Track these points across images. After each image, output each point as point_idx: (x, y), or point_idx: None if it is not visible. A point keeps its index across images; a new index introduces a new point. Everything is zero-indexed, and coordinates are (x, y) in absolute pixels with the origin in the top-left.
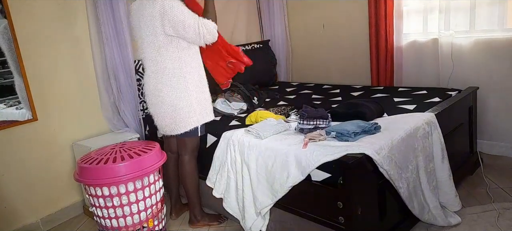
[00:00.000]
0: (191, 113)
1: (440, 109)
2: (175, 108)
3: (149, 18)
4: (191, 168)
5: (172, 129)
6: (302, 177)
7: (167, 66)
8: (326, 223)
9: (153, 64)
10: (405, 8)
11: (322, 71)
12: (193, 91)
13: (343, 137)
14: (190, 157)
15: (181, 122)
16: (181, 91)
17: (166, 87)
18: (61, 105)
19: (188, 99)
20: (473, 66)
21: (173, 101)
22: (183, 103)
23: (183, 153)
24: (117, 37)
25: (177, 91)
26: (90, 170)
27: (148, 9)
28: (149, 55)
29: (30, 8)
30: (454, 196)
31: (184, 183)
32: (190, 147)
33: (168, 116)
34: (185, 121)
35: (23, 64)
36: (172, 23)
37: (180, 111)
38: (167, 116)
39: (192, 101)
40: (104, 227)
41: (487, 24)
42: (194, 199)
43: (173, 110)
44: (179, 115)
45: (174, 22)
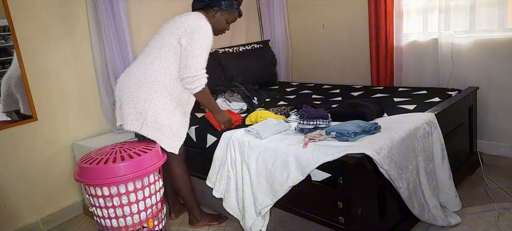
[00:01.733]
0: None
1: (440, 109)
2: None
3: (179, 23)
4: (181, 172)
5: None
6: (302, 177)
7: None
8: (326, 223)
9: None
10: (405, 8)
11: (322, 71)
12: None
13: (343, 137)
14: (177, 161)
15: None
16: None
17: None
18: (61, 105)
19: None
20: (473, 66)
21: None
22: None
23: (170, 159)
24: (117, 37)
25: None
26: (90, 170)
27: (182, 18)
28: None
29: (30, 8)
30: (454, 196)
31: (177, 187)
32: (173, 155)
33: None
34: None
35: (23, 64)
36: (191, 39)
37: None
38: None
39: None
40: (104, 227)
41: (487, 24)
42: (190, 201)
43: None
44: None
45: (192, 40)
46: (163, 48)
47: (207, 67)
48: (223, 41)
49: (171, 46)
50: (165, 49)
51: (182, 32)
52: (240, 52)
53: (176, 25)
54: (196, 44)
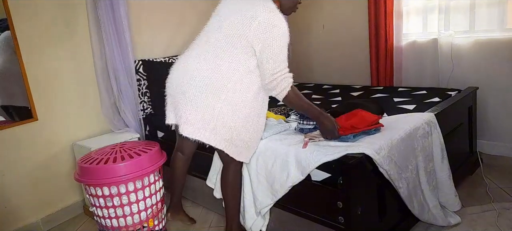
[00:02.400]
0: (222, 135)
1: (440, 109)
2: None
3: (240, 17)
4: (235, 179)
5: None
6: (302, 177)
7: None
8: (326, 223)
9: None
10: (405, 8)
11: (322, 71)
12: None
13: (342, 137)
14: (234, 167)
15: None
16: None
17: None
18: (61, 105)
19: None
20: (473, 67)
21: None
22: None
23: (226, 162)
24: (117, 37)
25: (232, 110)
26: (90, 170)
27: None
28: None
29: (30, 8)
30: (454, 196)
31: (225, 194)
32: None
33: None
34: (229, 142)
35: (24, 64)
36: (266, 43)
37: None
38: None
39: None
40: (104, 227)
41: (487, 24)
42: (233, 213)
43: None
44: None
45: (268, 43)
46: (229, 48)
47: None
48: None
49: (240, 47)
50: (231, 50)
51: (253, 35)
52: None
53: (244, 24)
54: (272, 45)
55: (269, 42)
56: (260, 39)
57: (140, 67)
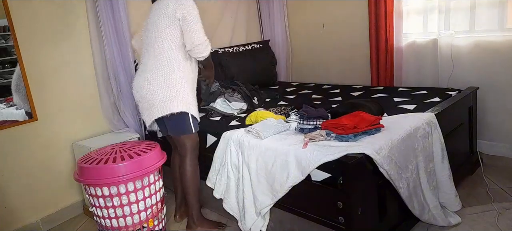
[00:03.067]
0: (173, 96)
1: (440, 109)
2: (160, 89)
3: (163, 8)
4: (191, 169)
5: (154, 111)
6: (302, 177)
7: (164, 48)
8: (326, 223)
9: (150, 47)
10: (405, 8)
11: (322, 71)
12: (180, 79)
13: (343, 137)
14: (191, 157)
15: (162, 104)
16: (170, 75)
17: (157, 70)
18: (61, 105)
19: (174, 84)
20: (473, 67)
21: (160, 83)
22: (168, 84)
23: (183, 153)
24: (117, 37)
25: (165, 75)
26: (90, 170)
27: (164, 2)
28: (151, 36)
29: (30, 8)
30: (454, 196)
31: (184, 184)
32: (189, 145)
33: (152, 98)
34: (167, 103)
35: (23, 64)
36: (187, 12)
37: (163, 92)
38: (151, 98)
39: (179, 89)
40: (104, 227)
41: (487, 24)
42: (193, 202)
43: (157, 91)
44: (161, 96)
45: (189, 12)
46: (164, 28)
47: None
48: (223, 41)
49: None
50: (163, 22)
51: (171, 7)
52: (240, 52)
53: (162, 10)
54: (193, 14)
55: (190, 15)
56: (180, 11)
57: None
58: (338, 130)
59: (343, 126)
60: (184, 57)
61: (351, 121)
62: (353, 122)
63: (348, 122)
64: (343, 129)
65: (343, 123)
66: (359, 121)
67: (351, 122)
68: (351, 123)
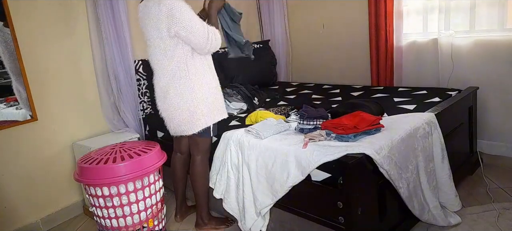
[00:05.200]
0: (197, 115)
1: (440, 109)
2: (181, 111)
3: (155, 20)
4: (202, 169)
5: (181, 130)
6: (302, 177)
7: (173, 68)
8: (326, 223)
9: (160, 67)
10: (405, 8)
11: (322, 71)
12: (198, 93)
13: (343, 137)
14: (202, 158)
15: (188, 124)
16: (187, 94)
17: (172, 89)
18: (61, 105)
19: (193, 102)
20: (473, 67)
21: (179, 104)
22: (188, 105)
23: (195, 153)
24: (117, 37)
25: (182, 94)
26: (90, 170)
27: (153, 10)
28: (156, 57)
29: (30, 8)
30: (454, 196)
31: (194, 184)
32: (202, 147)
33: (176, 117)
34: (191, 123)
35: (23, 65)
36: (181, 25)
37: (185, 113)
38: (175, 117)
39: (198, 104)
40: (104, 227)
41: (487, 24)
42: (203, 202)
43: (179, 112)
44: (184, 117)
45: (182, 24)
46: (167, 51)
47: None
48: (223, 41)
49: (170, 44)
50: (169, 52)
51: (165, 25)
52: None
53: (155, 25)
54: (187, 19)
55: (182, 19)
56: (174, 23)
57: (140, 67)
58: (338, 130)
59: (343, 126)
60: (198, 69)
61: (351, 121)
62: (353, 122)
63: (348, 122)
64: (343, 129)
65: (343, 123)
66: (359, 121)
67: (351, 122)
68: (351, 123)
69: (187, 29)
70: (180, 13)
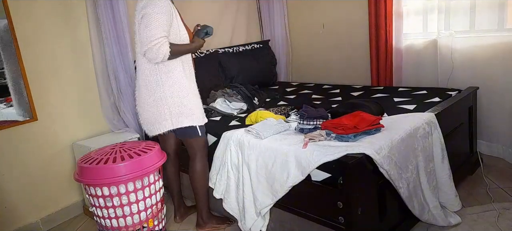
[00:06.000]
0: (164, 115)
1: (440, 109)
2: (151, 110)
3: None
4: (201, 169)
5: (150, 129)
6: (302, 177)
7: (145, 68)
8: (326, 223)
9: (138, 65)
10: (405, 8)
11: (322, 71)
12: (167, 92)
13: (343, 137)
14: (200, 157)
15: (155, 124)
16: (157, 91)
17: (144, 89)
18: (61, 105)
19: (161, 100)
20: (473, 67)
21: (147, 100)
22: (159, 105)
23: (192, 153)
24: (117, 37)
25: (153, 94)
26: (90, 170)
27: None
28: (137, 55)
29: (30, 8)
30: (454, 196)
31: (194, 185)
32: (197, 146)
33: (148, 116)
34: (158, 123)
35: (23, 65)
36: (145, 12)
37: (154, 112)
38: (147, 115)
39: (166, 104)
40: (104, 227)
41: (487, 24)
42: (203, 201)
43: (151, 112)
44: (153, 116)
45: (144, 18)
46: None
47: (207, 67)
48: (223, 41)
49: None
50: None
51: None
52: (240, 52)
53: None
54: (149, 15)
55: (147, 13)
56: (141, 13)
57: None
58: (338, 130)
59: (343, 126)
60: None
61: (351, 121)
62: (353, 122)
63: (348, 122)
64: (343, 129)
65: (343, 123)
66: (359, 121)
67: (351, 122)
68: (351, 123)
69: (143, 23)
70: (151, 7)
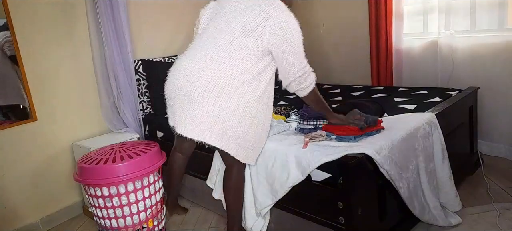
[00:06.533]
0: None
1: (441, 109)
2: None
3: (252, 18)
4: (238, 184)
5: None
6: (302, 177)
7: (248, 76)
8: (326, 223)
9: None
10: (405, 8)
11: (322, 71)
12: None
13: (343, 138)
14: (238, 169)
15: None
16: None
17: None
18: (61, 106)
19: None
20: (473, 67)
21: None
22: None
23: (230, 163)
24: (116, 37)
25: (239, 111)
26: (89, 170)
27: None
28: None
29: (30, 8)
30: (455, 196)
31: (227, 198)
32: (238, 160)
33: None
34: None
35: (23, 64)
36: (286, 42)
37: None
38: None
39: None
40: (104, 227)
41: (487, 24)
42: (235, 219)
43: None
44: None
45: (288, 41)
46: (241, 49)
47: None
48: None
49: (252, 47)
50: (243, 49)
51: (268, 35)
52: None
53: (258, 24)
54: (292, 43)
55: (288, 41)
56: (278, 38)
57: (139, 67)
58: (339, 131)
59: (344, 128)
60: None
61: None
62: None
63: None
64: (344, 130)
65: (345, 126)
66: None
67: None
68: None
69: (291, 47)
70: (291, 30)
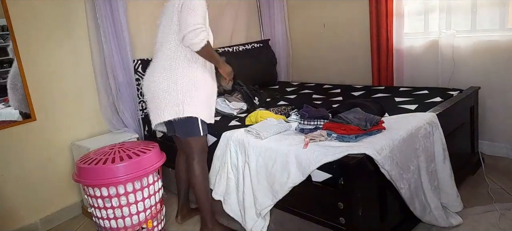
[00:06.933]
0: (171, 102)
1: (442, 109)
2: (160, 94)
3: (171, 10)
4: (200, 172)
5: (154, 117)
6: (302, 178)
7: (170, 52)
8: (326, 224)
9: (160, 50)
10: (406, 8)
11: (323, 71)
12: (185, 83)
13: (344, 138)
14: (198, 159)
15: (158, 110)
16: (173, 79)
17: (159, 72)
18: (60, 106)
19: (176, 88)
20: (474, 67)
21: (160, 87)
22: (171, 90)
23: (190, 155)
24: (116, 37)
25: (167, 80)
26: (89, 170)
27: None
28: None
29: (29, 8)
30: (456, 196)
31: (193, 188)
32: (196, 147)
33: (157, 102)
34: (162, 110)
35: (22, 64)
36: (186, 4)
37: (165, 96)
38: (157, 102)
39: (185, 93)
40: (103, 228)
41: (488, 24)
42: (205, 206)
43: (159, 97)
44: (163, 100)
45: (187, 4)
46: (172, 26)
47: None
48: (223, 41)
49: (175, 25)
50: (175, 27)
51: (179, 4)
52: (240, 51)
53: (172, 2)
54: (190, 4)
55: (188, 3)
56: (182, 3)
57: (139, 67)
58: (340, 130)
59: (345, 127)
60: (195, 57)
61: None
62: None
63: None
64: (345, 129)
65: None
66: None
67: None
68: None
69: (189, 6)
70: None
